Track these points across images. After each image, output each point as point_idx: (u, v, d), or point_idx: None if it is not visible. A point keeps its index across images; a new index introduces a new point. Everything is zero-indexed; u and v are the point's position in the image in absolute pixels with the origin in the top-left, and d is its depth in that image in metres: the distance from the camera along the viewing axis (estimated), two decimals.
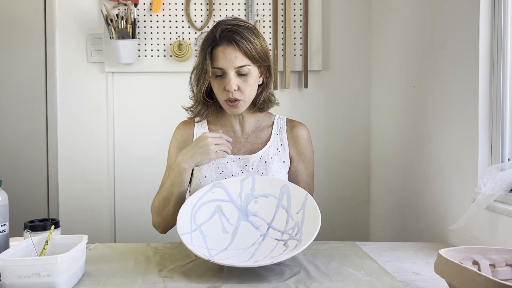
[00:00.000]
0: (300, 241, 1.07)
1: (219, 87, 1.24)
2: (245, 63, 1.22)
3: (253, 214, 1.19)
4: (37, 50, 2.04)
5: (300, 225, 1.12)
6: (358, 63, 2.07)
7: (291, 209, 1.17)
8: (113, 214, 2.07)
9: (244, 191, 1.21)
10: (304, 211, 1.14)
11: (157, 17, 2.01)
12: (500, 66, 1.18)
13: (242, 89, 1.23)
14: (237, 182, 1.22)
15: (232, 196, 1.20)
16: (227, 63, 1.21)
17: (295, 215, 1.15)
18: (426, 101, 1.49)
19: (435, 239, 1.41)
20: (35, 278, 0.88)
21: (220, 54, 1.21)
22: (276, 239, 1.12)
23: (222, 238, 1.13)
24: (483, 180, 1.15)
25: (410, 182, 1.62)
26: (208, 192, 1.20)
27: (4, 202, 1.08)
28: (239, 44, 1.20)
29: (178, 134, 1.38)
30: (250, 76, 1.23)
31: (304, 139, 1.35)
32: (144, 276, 1.02)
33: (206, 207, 1.18)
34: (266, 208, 1.19)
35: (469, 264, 0.86)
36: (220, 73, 1.23)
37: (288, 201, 1.18)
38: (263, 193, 1.21)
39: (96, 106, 2.05)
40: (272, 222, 1.16)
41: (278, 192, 1.20)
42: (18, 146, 2.06)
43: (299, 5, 2.02)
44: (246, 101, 1.26)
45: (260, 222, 1.17)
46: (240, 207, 1.19)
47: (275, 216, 1.17)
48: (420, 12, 1.55)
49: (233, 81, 1.21)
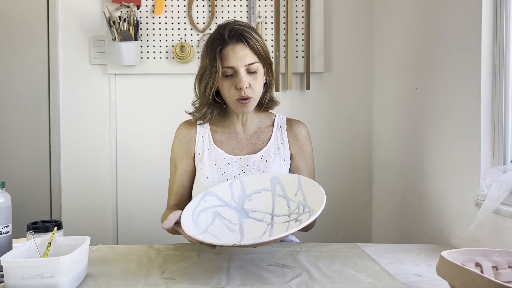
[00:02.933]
0: (312, 210, 1.05)
1: (229, 87, 1.24)
2: (255, 60, 1.23)
3: (252, 210, 1.17)
4: (40, 52, 2.05)
5: (303, 201, 1.10)
6: (360, 65, 2.07)
7: (288, 194, 1.16)
8: (116, 216, 2.07)
9: (235, 193, 1.20)
10: (302, 190, 1.13)
11: (159, 19, 2.01)
12: (502, 67, 1.18)
13: (253, 86, 1.24)
14: (226, 187, 1.20)
15: (225, 200, 1.19)
16: (238, 61, 1.21)
17: (294, 197, 1.14)
18: (428, 103, 1.49)
19: (437, 241, 1.41)
20: (38, 280, 0.88)
21: (230, 53, 1.22)
22: (285, 221, 1.11)
23: (231, 236, 1.12)
24: (486, 182, 1.15)
25: (412, 184, 1.62)
26: (201, 201, 1.17)
27: (8, 203, 1.08)
28: (248, 42, 1.22)
29: (180, 135, 1.37)
30: (258, 73, 1.25)
31: (303, 135, 1.36)
32: (146, 278, 1.02)
33: (204, 214, 1.15)
34: (263, 201, 1.18)
35: (472, 266, 0.86)
36: (230, 72, 1.23)
37: (282, 188, 1.17)
38: (255, 190, 1.19)
39: (98, 107, 2.06)
40: (273, 211, 1.15)
41: (269, 184, 1.19)
42: (21, 148, 2.07)
43: (301, 7, 2.03)
44: (255, 99, 1.27)
45: (262, 215, 1.16)
46: (236, 208, 1.18)
47: (274, 205, 1.16)
48: (421, 14, 1.55)
49: (244, 78, 1.22)
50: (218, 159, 1.31)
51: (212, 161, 1.31)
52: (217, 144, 1.34)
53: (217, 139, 1.35)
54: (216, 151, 1.32)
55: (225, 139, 1.35)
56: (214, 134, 1.35)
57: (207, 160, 1.31)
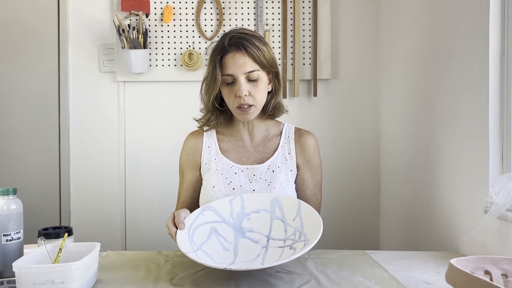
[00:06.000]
0: (307, 240, 1.05)
1: (229, 95, 1.25)
2: (255, 68, 1.24)
3: (249, 230, 1.16)
4: (50, 60, 2.08)
5: (300, 228, 1.10)
6: (367, 72, 2.08)
7: (286, 218, 1.15)
8: (124, 222, 2.08)
9: (235, 210, 1.19)
10: (301, 216, 1.12)
11: (168, 27, 2.04)
12: (510, 73, 1.18)
13: (253, 94, 1.24)
14: (226, 203, 1.20)
15: (223, 216, 1.18)
16: (237, 69, 1.22)
17: (292, 222, 1.13)
18: (436, 109, 1.49)
19: (446, 248, 1.40)
20: (50, 285, 0.90)
21: (229, 61, 1.23)
22: (279, 246, 1.11)
23: (224, 255, 1.11)
24: (494, 189, 1.14)
25: (420, 191, 1.62)
26: (200, 215, 1.17)
27: (19, 209, 1.10)
28: (247, 50, 1.23)
29: (187, 147, 1.38)
30: (260, 81, 1.25)
31: (311, 147, 1.35)
32: (155, 284, 1.03)
33: (201, 229, 1.15)
34: (261, 222, 1.16)
35: (481, 274, 0.86)
36: (230, 80, 1.24)
37: (282, 211, 1.16)
38: (254, 209, 1.19)
39: (107, 114, 2.08)
40: (270, 234, 1.14)
41: (269, 205, 1.18)
42: (31, 155, 2.09)
43: (308, 15, 2.04)
44: (257, 107, 1.27)
45: (258, 236, 1.15)
46: (234, 226, 1.17)
47: (271, 228, 1.15)
48: (429, 20, 1.55)
49: (243, 86, 1.22)
50: (224, 168, 1.31)
51: (219, 170, 1.31)
52: (224, 153, 1.34)
53: (223, 148, 1.35)
54: (223, 160, 1.32)
55: (232, 147, 1.35)
56: (220, 143, 1.36)
57: (214, 169, 1.31)
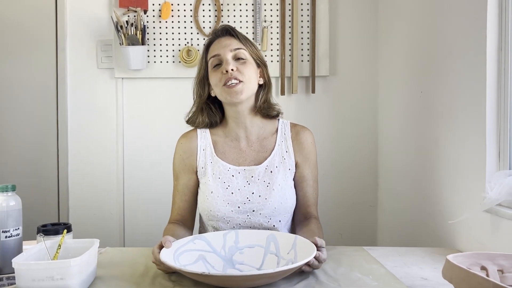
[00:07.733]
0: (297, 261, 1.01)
1: (216, 75, 1.26)
2: (241, 47, 1.27)
3: (240, 263, 1.11)
4: (48, 56, 2.08)
5: (293, 259, 1.06)
6: (365, 69, 2.08)
7: (280, 253, 1.10)
8: (122, 218, 2.09)
9: (227, 244, 1.14)
10: (295, 249, 1.07)
11: (166, 24, 2.03)
12: (508, 71, 1.18)
13: (241, 70, 1.25)
14: (219, 236, 1.15)
15: (215, 248, 1.13)
16: (223, 48, 1.26)
17: (286, 255, 1.08)
18: (433, 106, 1.49)
19: (443, 244, 1.41)
20: (49, 282, 0.90)
21: (216, 44, 1.29)
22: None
23: None
24: (491, 185, 1.15)
25: (417, 187, 1.62)
26: (190, 242, 1.12)
27: (18, 206, 1.10)
28: (235, 32, 1.29)
29: (181, 150, 1.34)
30: (248, 63, 1.27)
31: (309, 144, 1.34)
32: (154, 280, 1.03)
33: (188, 254, 1.09)
34: (253, 256, 1.12)
35: (477, 270, 0.87)
36: (217, 61, 1.27)
37: (277, 246, 1.11)
38: (248, 244, 1.14)
39: (106, 111, 2.08)
40: (261, 267, 1.09)
41: (264, 241, 1.13)
42: (29, 151, 2.09)
43: (307, 11, 2.04)
44: (246, 83, 1.24)
45: (248, 268, 1.09)
46: (224, 258, 1.12)
47: (263, 261, 1.10)
48: (427, 17, 1.55)
49: (230, 60, 1.25)
50: (222, 172, 1.28)
51: (216, 174, 1.28)
52: (220, 155, 1.31)
53: (219, 150, 1.32)
54: (219, 163, 1.29)
55: (227, 149, 1.32)
56: (215, 145, 1.33)
57: (211, 174, 1.28)
